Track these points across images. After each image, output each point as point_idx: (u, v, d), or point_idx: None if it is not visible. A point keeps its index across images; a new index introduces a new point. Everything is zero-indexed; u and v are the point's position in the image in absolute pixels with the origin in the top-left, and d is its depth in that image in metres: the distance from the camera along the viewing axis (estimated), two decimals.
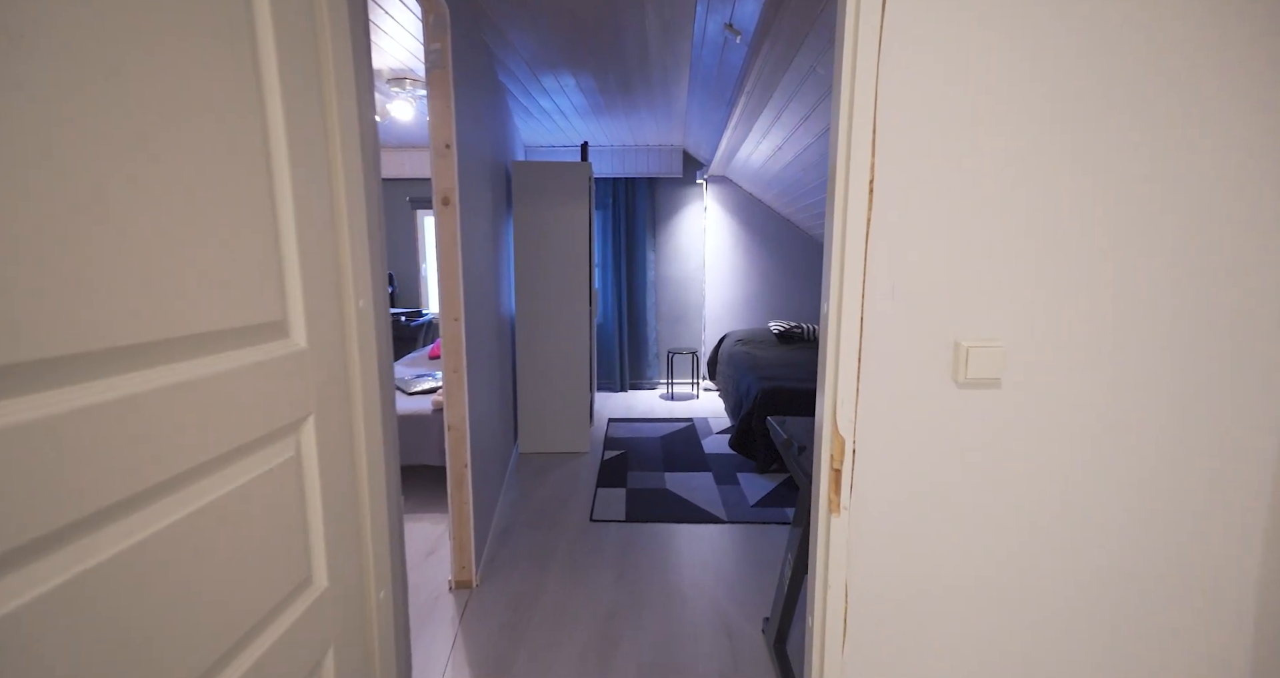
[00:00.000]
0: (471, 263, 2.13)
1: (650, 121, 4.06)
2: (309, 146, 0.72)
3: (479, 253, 2.30)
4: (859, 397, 0.81)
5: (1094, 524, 0.82)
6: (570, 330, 3.43)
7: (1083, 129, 0.74)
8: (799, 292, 5.07)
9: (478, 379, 2.20)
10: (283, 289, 0.70)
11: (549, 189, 3.30)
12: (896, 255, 0.78)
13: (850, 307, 0.80)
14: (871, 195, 0.78)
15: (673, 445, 3.63)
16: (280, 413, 0.67)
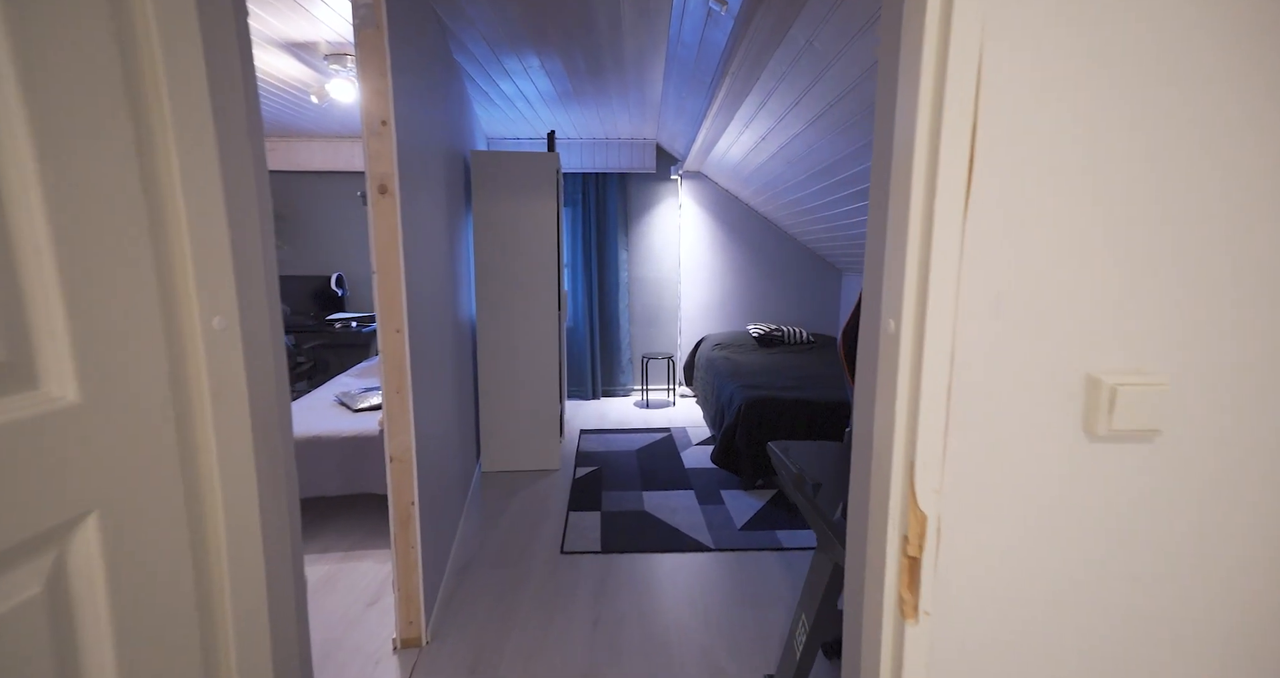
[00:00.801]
0: (420, 263, 1.82)
1: (622, 111, 3.79)
2: (88, 126, 0.43)
3: (429, 251, 1.99)
4: (946, 455, 0.56)
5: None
6: (538, 336, 3.13)
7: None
8: (778, 293, 4.89)
9: (429, 396, 1.89)
10: (22, 309, 0.41)
11: (513, 182, 3.00)
12: (1004, 254, 0.54)
13: (938, 327, 0.55)
14: (971, 174, 0.54)
15: (650, 459, 3.37)
16: (11, 520, 0.38)
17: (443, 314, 2.24)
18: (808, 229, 4.26)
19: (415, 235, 1.77)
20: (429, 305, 1.96)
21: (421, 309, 1.82)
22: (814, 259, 4.87)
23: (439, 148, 2.25)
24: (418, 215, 1.82)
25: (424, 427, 1.80)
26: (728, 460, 2.99)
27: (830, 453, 1.47)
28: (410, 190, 1.70)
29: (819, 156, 2.78)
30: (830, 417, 2.92)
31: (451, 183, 2.58)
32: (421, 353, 1.80)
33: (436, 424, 2.04)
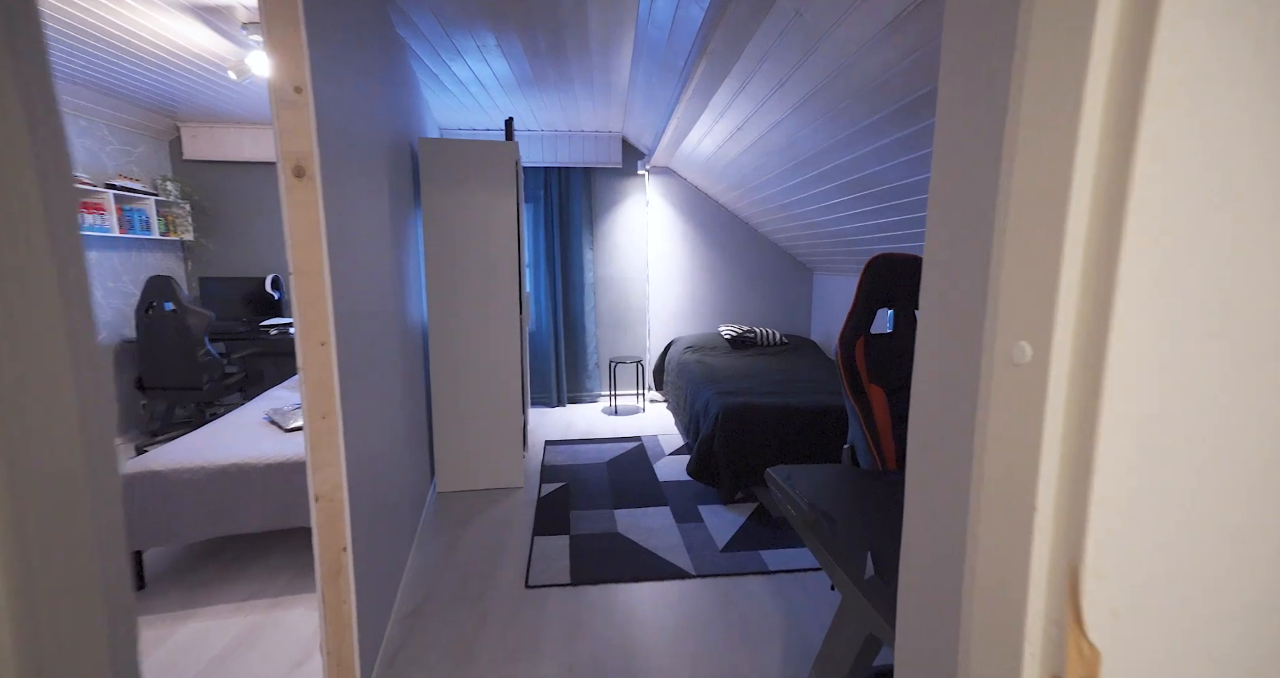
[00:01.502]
0: (352, 261, 1.55)
1: (586, 100, 3.55)
2: None
3: (366, 248, 1.71)
4: (1132, 551, 0.36)
5: None
6: (497, 342, 2.86)
7: None
8: (749, 293, 4.75)
9: (368, 416, 1.62)
10: None
11: (467, 174, 2.73)
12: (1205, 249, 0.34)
13: (1122, 354, 0.35)
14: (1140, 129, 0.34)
15: (621, 472, 3.15)
16: None
17: (386, 320, 1.95)
18: (781, 227, 4.13)
19: (345, 229, 1.49)
20: (367, 311, 1.69)
21: (356, 316, 1.55)
22: (785, 258, 4.75)
23: (378, 131, 1.96)
24: (349, 206, 1.54)
25: (361, 454, 1.53)
26: (705, 473, 2.80)
27: (836, 480, 1.29)
28: (337, 175, 1.43)
29: (802, 147, 2.62)
30: (813, 424, 2.77)
31: (396, 173, 2.29)
32: (356, 367, 1.53)
33: (379, 447, 1.76)
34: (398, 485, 2.05)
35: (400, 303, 2.25)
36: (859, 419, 1.49)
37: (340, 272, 1.42)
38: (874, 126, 2.09)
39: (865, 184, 2.59)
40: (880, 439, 1.50)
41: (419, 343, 2.69)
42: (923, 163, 2.11)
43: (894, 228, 2.80)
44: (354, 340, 1.52)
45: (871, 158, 2.33)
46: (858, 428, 1.50)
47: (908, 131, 1.99)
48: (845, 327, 1.59)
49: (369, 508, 1.60)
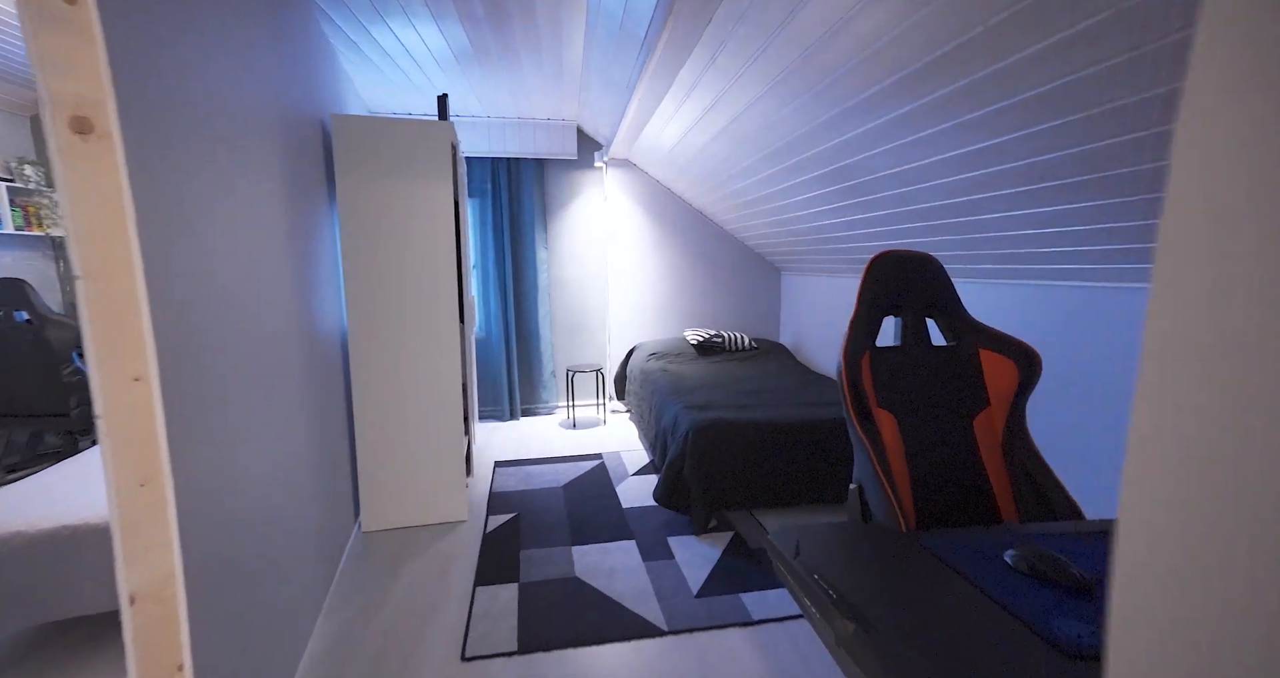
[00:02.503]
0: (209, 261, 1.15)
1: (537, 82, 3.18)
2: None
3: (237, 244, 1.31)
4: None
5: None
6: (435, 353, 2.47)
7: None
8: (715, 295, 4.47)
9: (232, 466, 1.22)
10: None
11: (393, 158, 2.32)
12: None
13: None
14: None
15: (580, 499, 2.80)
16: None
17: (278, 335, 1.55)
18: (749, 224, 3.86)
19: (192, 217, 1.09)
20: (239, 325, 1.28)
21: (211, 334, 1.15)
22: (753, 258, 4.50)
23: (261, 100, 1.55)
24: (199, 187, 1.14)
25: (218, 523, 1.13)
26: (674, 500, 2.48)
27: (853, 546, 0.99)
28: (168, 141, 1.03)
29: (778, 133, 2.33)
30: (792, 441, 2.49)
31: (296, 153, 1.87)
32: (211, 403, 1.13)
33: (258, 500, 1.36)
34: (296, 540, 1.64)
35: (303, 312, 1.83)
36: (867, 452, 1.20)
37: (176, 275, 1.03)
38: (863, 106, 1.82)
39: (848, 174, 2.33)
40: (895, 480, 1.21)
41: (336, 358, 2.26)
42: (918, 148, 1.85)
43: (879, 223, 2.56)
44: (208, 368, 1.12)
45: (857, 143, 2.06)
46: (867, 463, 1.20)
47: (903, 111, 1.72)
48: (848, 340, 1.30)
49: (234, 597, 1.20)
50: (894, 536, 0.97)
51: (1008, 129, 1.53)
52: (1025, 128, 1.48)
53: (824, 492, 2.51)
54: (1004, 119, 1.50)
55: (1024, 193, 1.73)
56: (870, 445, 1.23)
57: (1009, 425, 1.30)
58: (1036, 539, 0.89)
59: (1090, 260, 1.83)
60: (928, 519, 1.26)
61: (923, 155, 1.87)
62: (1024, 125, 1.48)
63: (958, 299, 1.42)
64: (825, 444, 2.51)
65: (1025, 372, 1.29)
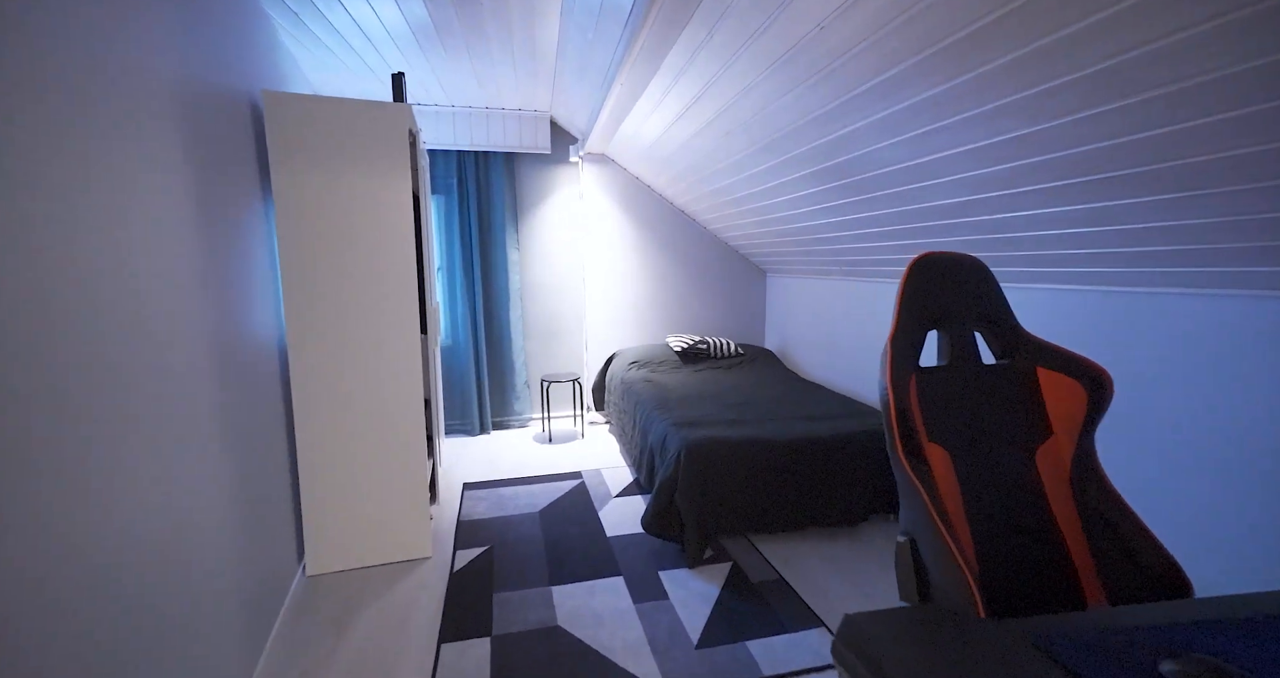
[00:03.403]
0: (48, 257, 0.85)
1: (506, 66, 2.90)
2: None
3: (104, 239, 1.01)
4: None
5: None
6: (392, 368, 2.16)
7: None
8: (697, 299, 4.25)
9: (93, 500, 0.92)
10: None
11: (339, 146, 2.01)
12: None
13: None
14: None
15: (559, 527, 2.53)
16: None
17: (174, 348, 1.24)
18: (734, 224, 3.65)
19: (19, 206, 0.80)
20: (89, 337, 0.98)
21: (25, 353, 0.85)
22: (737, 259, 4.30)
23: (145, 63, 1.25)
24: (42, 168, 0.85)
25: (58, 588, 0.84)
26: (664, 527, 2.24)
27: (939, 640, 0.76)
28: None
29: (773, 124, 2.12)
30: (792, 461, 2.28)
31: (211, 134, 1.55)
32: (31, 438, 0.83)
33: (143, 544, 1.06)
34: (211, 595, 1.33)
35: (218, 322, 1.52)
36: (921, 499, 0.98)
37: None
38: (877, 91, 1.62)
39: (851, 169, 2.14)
40: (957, 534, 0.99)
41: (271, 375, 1.94)
42: (940, 138, 1.66)
43: (885, 222, 2.36)
44: (34, 392, 0.82)
45: (865, 135, 1.86)
46: (922, 514, 0.98)
47: (925, 95, 1.52)
48: (890, 362, 1.07)
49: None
50: (989, 630, 0.74)
51: (1053, 114, 1.34)
52: (1076, 112, 1.29)
53: (827, 514, 2.31)
54: (1051, 102, 1.31)
55: (1067, 187, 1.55)
56: (921, 486, 1.01)
57: (1078, 460, 1.10)
58: (1185, 635, 0.68)
59: (1142, 263, 1.67)
60: (991, 579, 1.04)
61: (945, 146, 1.68)
62: (1075, 109, 1.29)
63: (1009, 309, 1.21)
64: (827, 462, 2.31)
65: (1094, 396, 1.09)
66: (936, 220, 2.09)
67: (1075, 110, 1.29)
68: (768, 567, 2.16)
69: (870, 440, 2.36)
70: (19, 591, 0.74)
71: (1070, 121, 1.33)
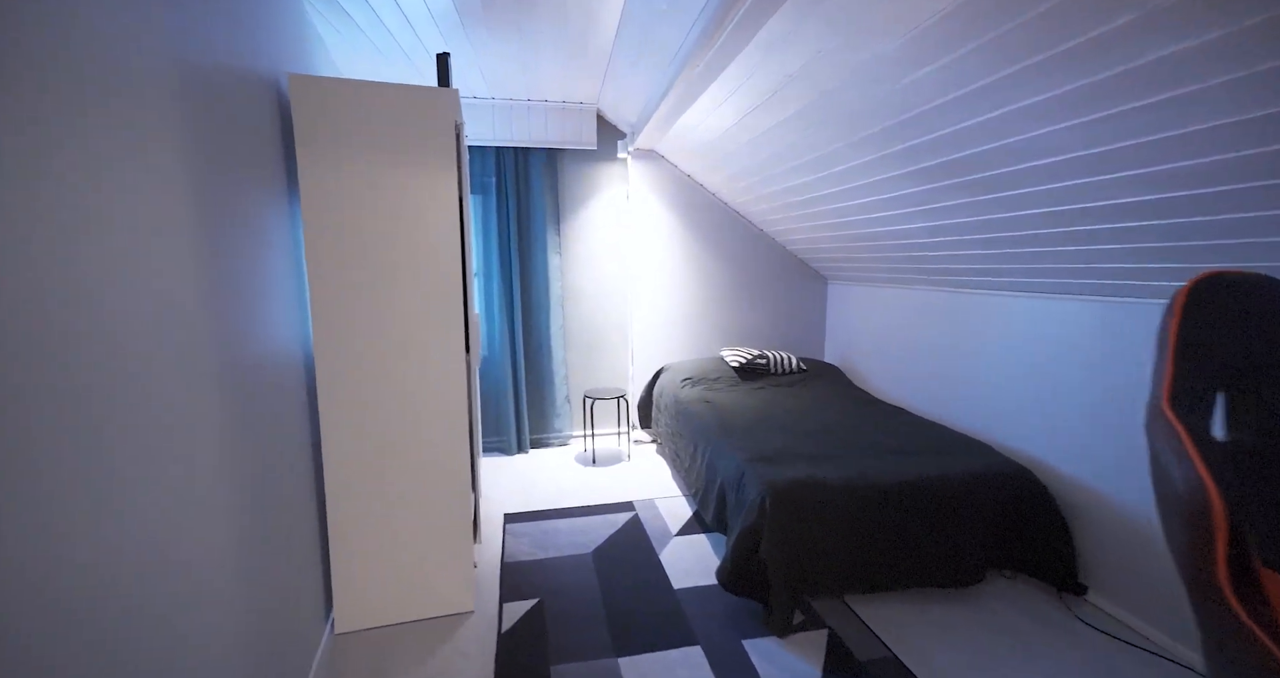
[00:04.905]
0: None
1: (554, 51, 2.59)
2: None
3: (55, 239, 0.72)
4: None
5: None
6: (434, 392, 1.87)
7: None
8: (751, 308, 3.90)
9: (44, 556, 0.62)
10: None
11: (378, 135, 1.73)
12: None
13: None
14: None
15: (617, 573, 2.21)
16: None
17: (159, 366, 0.96)
18: (799, 226, 3.30)
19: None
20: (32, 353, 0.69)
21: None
22: (795, 265, 3.93)
23: (156, 42, 0.96)
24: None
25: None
26: (744, 585, 1.91)
27: None
28: None
29: (887, 110, 1.76)
30: (895, 509, 1.92)
31: (224, 121, 1.27)
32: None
33: (109, 612, 0.76)
34: (219, 660, 1.04)
35: (232, 335, 1.23)
36: (1261, 652, 0.63)
37: None
38: (1039, 70, 1.27)
39: (979, 164, 1.78)
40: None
41: (296, 400, 1.66)
42: (1118, 125, 1.30)
43: (1011, 227, 1.99)
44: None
45: (1012, 123, 1.50)
46: (1259, 672, 0.63)
47: (1111, 73, 1.16)
48: (1189, 437, 0.72)
49: None
50: None
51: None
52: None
53: (937, 572, 1.95)
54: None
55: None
56: (1262, 630, 0.66)
57: None
58: None
59: None
60: None
61: (1130, 133, 1.31)
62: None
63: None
64: (938, 510, 1.95)
65: None
66: (1093, 224, 1.71)
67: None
68: (872, 639, 1.81)
69: (988, 483, 2.00)
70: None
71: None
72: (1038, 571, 2.01)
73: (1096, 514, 1.97)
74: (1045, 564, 1.99)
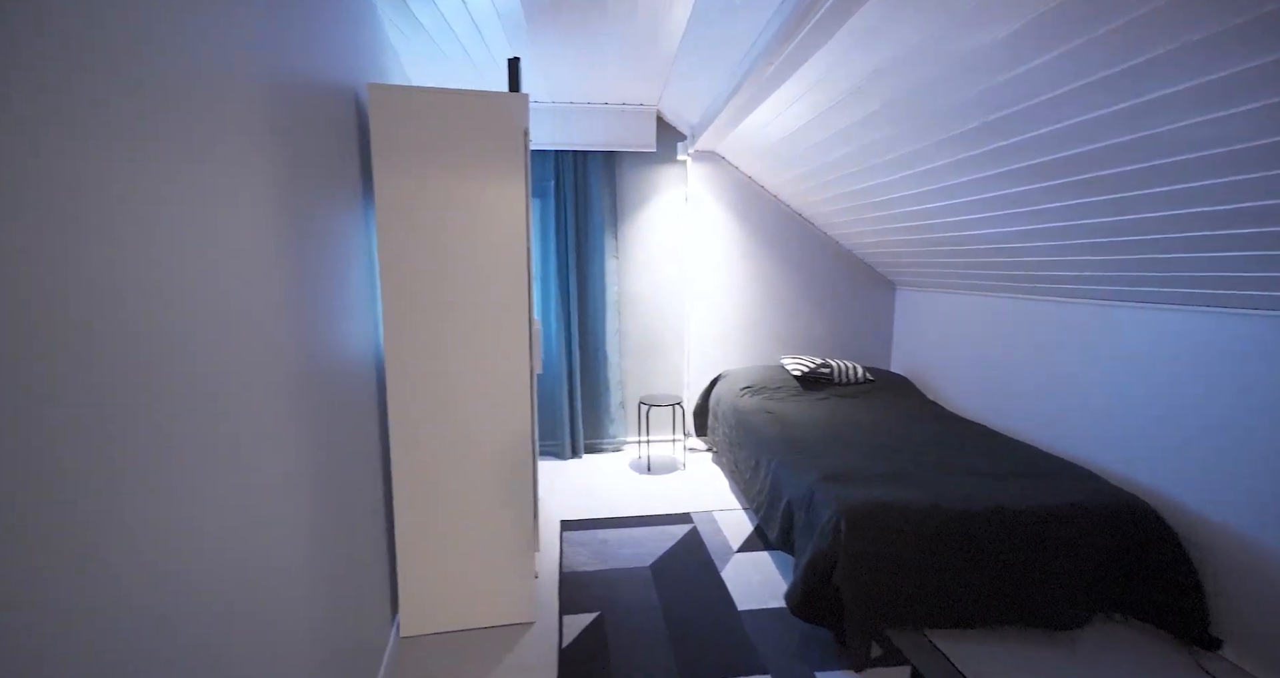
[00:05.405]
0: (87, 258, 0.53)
1: (618, 51, 2.55)
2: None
3: (152, 243, 0.70)
4: None
5: None
6: (499, 400, 1.86)
7: None
8: (812, 314, 3.75)
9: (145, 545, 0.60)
10: None
11: (450, 142, 1.72)
12: None
13: None
14: None
15: (677, 591, 2.13)
16: None
17: (245, 370, 0.95)
18: (870, 229, 3.13)
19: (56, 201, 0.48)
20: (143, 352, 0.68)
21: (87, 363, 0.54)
22: (860, 270, 3.75)
23: (245, 54, 0.96)
24: (93, 162, 0.53)
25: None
26: (816, 611, 1.79)
27: None
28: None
29: (995, 102, 1.61)
30: (984, 538, 1.77)
31: (309, 131, 1.27)
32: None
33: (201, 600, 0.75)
34: (297, 661, 1.03)
35: (312, 340, 1.23)
36: None
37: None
38: (1180, 57, 1.10)
39: (1099, 161, 1.60)
40: None
41: (368, 403, 1.67)
42: (1244, 122, 1.12)
43: (1130, 231, 1.79)
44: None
45: (1157, 111, 1.33)
46: None
47: (1249, 65, 1.00)
48: None
49: None
50: None
51: None
52: None
53: (1034, 612, 1.78)
54: None
55: None
56: None
57: None
58: None
59: None
60: None
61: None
62: None
63: None
64: (1037, 542, 1.78)
65: None
66: (1237, 228, 1.51)
67: None
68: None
69: (1096, 514, 1.81)
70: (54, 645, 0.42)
71: None
72: (1156, 617, 1.79)
73: (1233, 556, 1.74)
74: (1166, 611, 1.77)
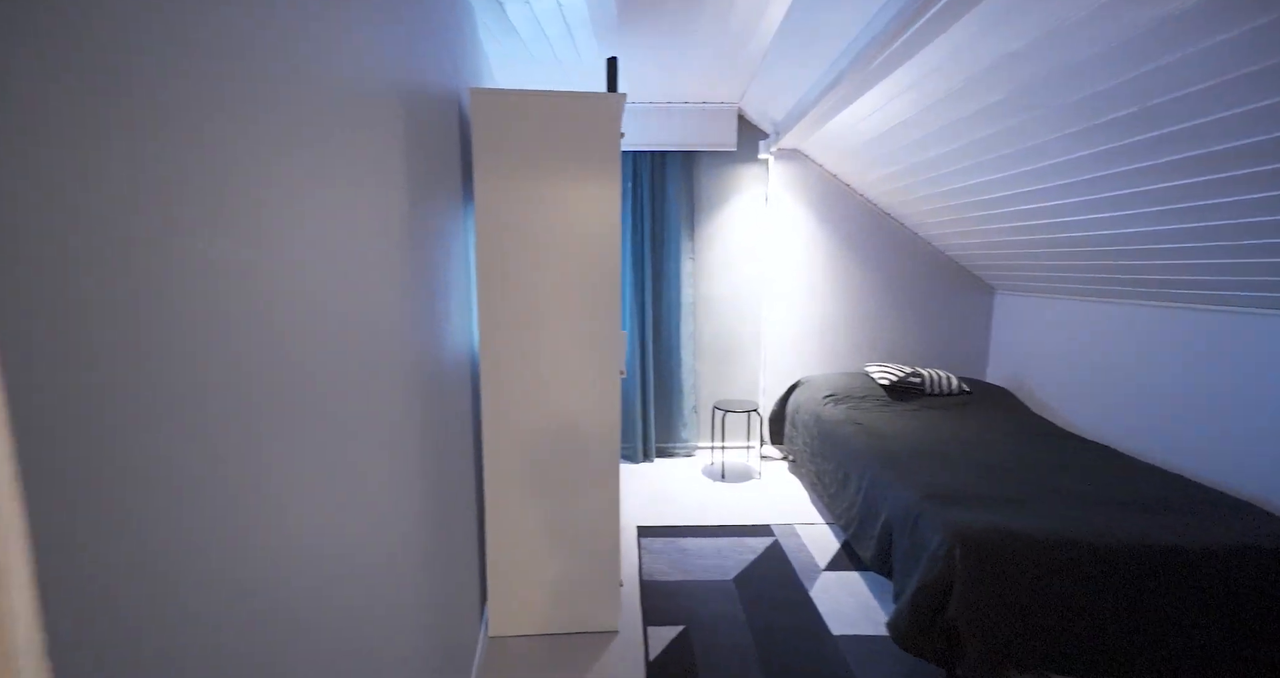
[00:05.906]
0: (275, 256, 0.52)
1: (701, 50, 2.48)
2: None
3: (321, 247, 0.70)
4: None
5: None
6: (589, 405, 1.83)
7: None
8: (904, 319, 3.53)
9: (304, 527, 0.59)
10: None
11: (548, 144, 1.71)
12: None
13: None
14: None
15: (764, 608, 2.04)
16: None
17: (384, 369, 0.95)
18: (971, 229, 2.91)
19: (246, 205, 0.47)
20: (311, 346, 0.67)
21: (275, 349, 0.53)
22: (954, 273, 3.50)
23: (384, 63, 0.96)
24: (280, 170, 0.52)
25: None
26: (925, 645, 1.65)
27: None
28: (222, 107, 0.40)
29: (1144, 88, 1.42)
30: (1123, 578, 1.57)
31: (426, 136, 1.29)
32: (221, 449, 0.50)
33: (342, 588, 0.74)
34: (400, 656, 1.03)
35: (419, 343, 1.24)
36: None
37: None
38: None
39: (1262, 156, 1.38)
40: None
41: (463, 405, 1.68)
42: None
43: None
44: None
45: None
46: None
47: None
48: None
49: None
50: None
51: None
52: None
53: (1188, 668, 1.56)
54: None
55: None
56: None
57: None
58: None
59: None
60: None
61: None
62: None
63: None
64: (1188, 587, 1.56)
65: None
66: None
67: None
68: None
69: (1270, 560, 1.57)
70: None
71: None
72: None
73: None
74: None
